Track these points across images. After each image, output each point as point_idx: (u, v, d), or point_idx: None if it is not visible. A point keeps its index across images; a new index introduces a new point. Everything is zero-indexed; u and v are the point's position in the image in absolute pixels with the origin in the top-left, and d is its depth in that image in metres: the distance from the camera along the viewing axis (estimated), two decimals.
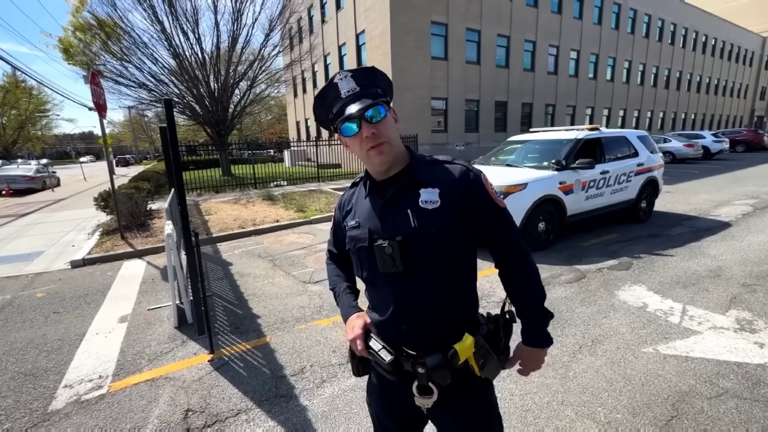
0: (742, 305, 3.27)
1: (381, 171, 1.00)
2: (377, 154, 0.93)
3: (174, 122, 2.65)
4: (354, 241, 1.03)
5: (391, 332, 1.00)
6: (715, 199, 8.25)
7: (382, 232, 0.96)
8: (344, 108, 0.93)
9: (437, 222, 0.94)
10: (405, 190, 0.97)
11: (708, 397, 2.15)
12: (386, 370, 0.98)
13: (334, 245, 1.23)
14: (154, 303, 3.84)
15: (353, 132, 0.93)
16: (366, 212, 1.02)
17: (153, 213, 8.18)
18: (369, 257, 0.99)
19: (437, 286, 0.96)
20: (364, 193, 1.05)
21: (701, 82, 33.37)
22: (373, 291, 1.05)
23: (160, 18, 13.43)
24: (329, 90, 0.95)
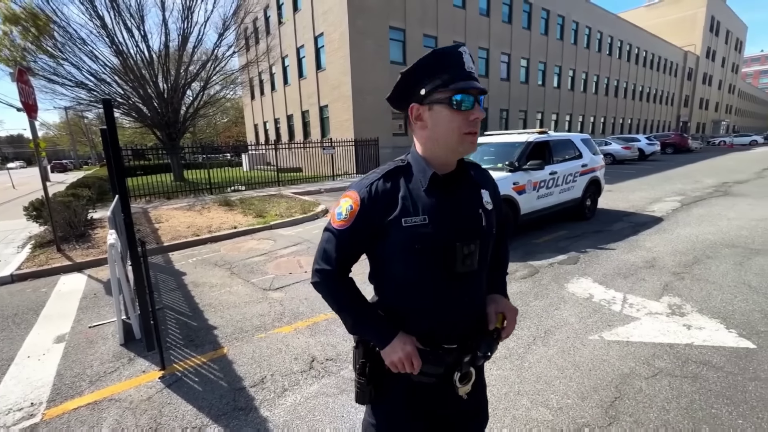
0: (673, 292, 3.61)
1: (448, 164, 0.96)
2: (472, 141, 0.90)
3: (114, 124, 2.48)
4: (422, 240, 0.90)
5: (436, 333, 0.97)
6: (649, 196, 9.05)
7: (462, 232, 0.94)
8: (468, 80, 0.86)
9: (494, 222, 1.03)
10: (472, 189, 1.01)
11: (646, 377, 2.35)
12: (436, 375, 0.98)
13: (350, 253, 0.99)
14: (96, 320, 3.54)
15: (467, 107, 0.86)
16: (435, 209, 0.92)
17: (95, 222, 7.56)
18: (438, 257, 0.91)
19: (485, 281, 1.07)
20: (419, 185, 0.94)
21: (635, 90, 36.58)
22: (429, 293, 0.95)
23: (100, 13, 12.50)
24: (452, 56, 0.87)
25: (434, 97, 0.87)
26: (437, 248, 0.92)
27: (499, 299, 1.07)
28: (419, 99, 0.90)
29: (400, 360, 0.93)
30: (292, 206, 8.99)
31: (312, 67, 19.34)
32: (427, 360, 0.95)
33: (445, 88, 0.86)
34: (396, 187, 0.95)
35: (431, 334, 0.97)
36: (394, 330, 0.97)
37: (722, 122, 55.81)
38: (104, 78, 13.50)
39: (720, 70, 51.18)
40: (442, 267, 0.93)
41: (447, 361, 0.97)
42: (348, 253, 1.00)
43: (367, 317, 1.00)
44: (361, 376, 1.00)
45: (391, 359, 0.94)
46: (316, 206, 8.85)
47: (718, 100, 53.62)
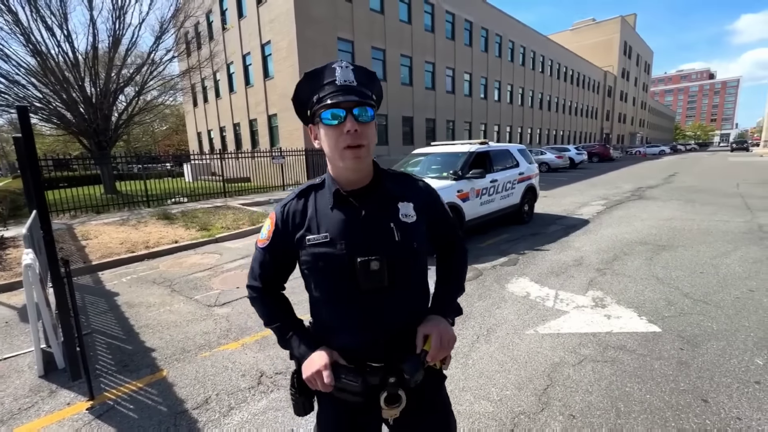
0: (597, 286, 4.02)
1: (352, 179, 0.94)
2: (353, 155, 0.87)
3: (31, 131, 2.27)
4: (323, 258, 0.92)
5: (362, 351, 0.95)
6: (578, 201, 9.99)
7: (364, 248, 0.91)
8: (335, 95, 0.85)
9: (416, 236, 0.97)
10: (384, 203, 0.96)
11: (573, 365, 2.60)
12: (354, 392, 0.91)
13: (270, 267, 1.03)
14: (8, 351, 3.15)
15: (335, 122, 0.86)
16: (338, 226, 0.93)
17: (6, 242, 6.70)
18: (344, 274, 0.91)
19: (414, 299, 1.01)
20: (328, 203, 0.95)
21: (564, 104, 40.27)
22: (342, 311, 0.96)
23: (12, 8, 11.22)
24: (324, 73, 0.89)
25: (316, 116, 0.89)
26: (339, 265, 0.92)
27: (431, 319, 0.98)
28: (311, 119, 0.93)
29: (312, 375, 0.92)
30: (239, 218, 8.65)
31: (259, 75, 18.89)
32: (342, 377, 0.91)
33: (319, 106, 0.88)
34: (306, 206, 0.99)
35: (353, 351, 0.96)
36: (314, 345, 0.98)
37: (638, 134, 63.27)
38: (17, 80, 12.08)
39: (633, 88, 58.07)
40: (348, 284, 0.92)
41: (367, 379, 0.91)
42: (271, 270, 1.04)
43: (292, 331, 1.02)
44: (292, 387, 1.02)
45: (305, 374, 0.94)
46: (265, 217, 8.59)
47: (633, 114, 60.70)
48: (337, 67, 0.88)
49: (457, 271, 1.12)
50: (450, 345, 0.96)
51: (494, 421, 2.09)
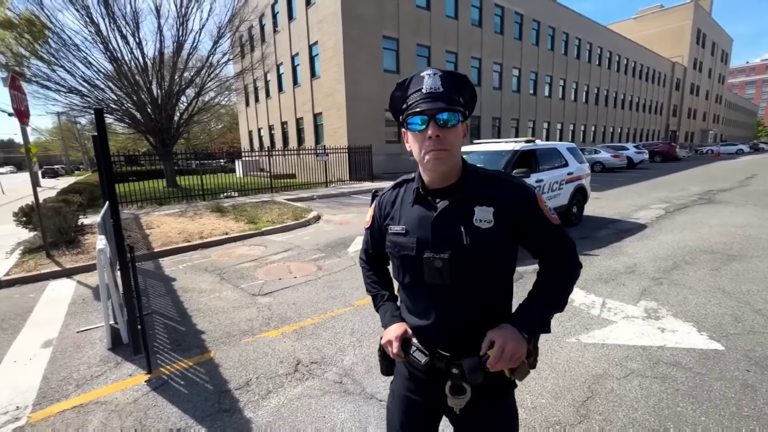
0: (651, 296, 3.72)
1: (434, 179, 0.99)
2: (434, 159, 0.92)
3: (105, 131, 2.55)
4: (398, 247, 1.03)
5: (427, 336, 1.02)
6: (635, 203, 9.26)
7: (432, 245, 0.96)
8: (420, 102, 0.91)
9: (489, 242, 0.94)
10: (459, 205, 0.96)
11: (617, 378, 2.44)
12: (420, 370, 1.02)
13: (371, 245, 1.22)
14: (84, 325, 3.57)
15: (419, 128, 0.93)
16: (414, 221, 1.01)
17: (85, 228, 7.56)
18: (414, 266, 0.99)
19: (480, 300, 0.99)
20: (410, 198, 1.04)
21: (624, 99, 37.36)
22: (413, 296, 1.06)
23: (95, 20, 12.57)
24: (413, 81, 0.95)
25: (405, 122, 0.97)
26: (410, 257, 1.00)
27: (503, 327, 0.96)
28: (403, 125, 1.00)
29: (385, 342, 1.07)
30: (284, 212, 9.04)
31: (306, 74, 19.54)
32: (411, 352, 1.03)
33: (407, 113, 0.95)
34: (395, 197, 1.11)
35: (421, 334, 1.04)
36: (394, 319, 1.11)
37: (710, 131, 57.07)
38: (98, 84, 13.54)
39: (707, 80, 52.45)
40: (415, 275, 1.01)
41: (433, 362, 1.00)
42: (372, 247, 1.23)
43: (383, 302, 1.19)
44: (379, 350, 1.14)
45: (382, 341, 1.09)
46: (308, 213, 8.91)
47: (706, 109, 54.85)
48: (426, 75, 0.94)
49: (548, 284, 1.02)
50: (512, 358, 0.92)
51: (526, 429, 2.02)
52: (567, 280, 1.03)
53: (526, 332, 0.96)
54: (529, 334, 0.96)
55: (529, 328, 0.97)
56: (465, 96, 0.97)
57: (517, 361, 0.93)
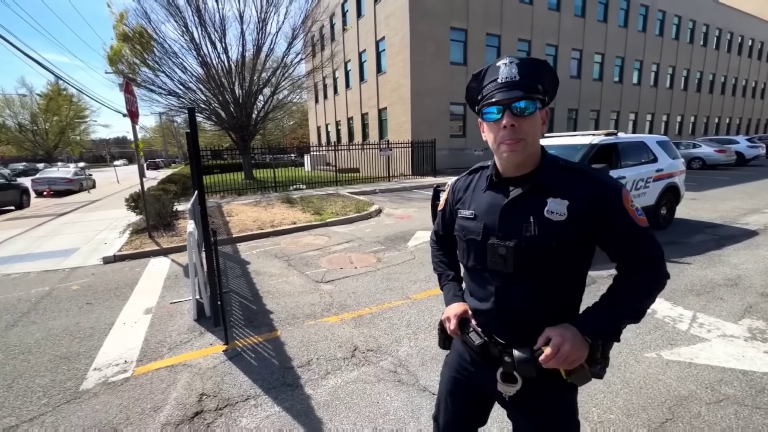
0: (758, 314, 3.18)
1: (509, 168, 0.98)
2: (509, 149, 0.91)
3: (196, 129, 2.88)
4: (465, 231, 1.05)
5: (485, 320, 1.05)
6: (744, 206, 7.92)
7: (498, 232, 0.96)
8: (495, 92, 0.91)
9: (559, 235, 0.91)
10: (532, 195, 0.95)
11: (707, 403, 2.14)
12: (474, 350, 1.06)
13: (441, 227, 1.27)
14: (176, 297, 4.10)
15: (494, 118, 0.92)
16: (485, 206, 1.02)
17: (179, 214, 8.61)
18: (479, 251, 1.01)
19: (542, 294, 0.96)
20: (483, 185, 1.05)
21: (736, 84, 31.88)
22: (475, 280, 1.07)
23: (190, 29, 14.16)
24: (489, 71, 0.95)
25: (481, 113, 0.97)
26: (475, 241, 1.03)
27: (564, 326, 0.92)
28: (479, 115, 1.00)
29: (445, 317, 1.13)
30: (347, 205, 9.38)
31: (373, 70, 19.88)
32: (467, 331, 1.08)
33: (482, 104, 0.95)
34: (469, 183, 1.14)
35: (479, 318, 1.08)
36: (455, 298, 1.17)
37: None
38: (191, 86, 15.26)
39: None
40: (479, 259, 1.03)
41: (488, 345, 1.02)
42: (443, 229, 1.27)
43: (448, 281, 1.24)
44: (439, 324, 1.20)
45: (442, 316, 1.16)
46: (369, 206, 9.14)
47: None
48: (501, 64, 0.93)
49: (624, 290, 0.94)
50: (567, 360, 0.88)
51: None
52: (648, 289, 0.93)
53: (589, 336, 0.90)
54: (592, 339, 0.91)
55: (593, 332, 0.91)
56: (545, 82, 0.94)
57: (573, 364, 0.89)
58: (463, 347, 1.14)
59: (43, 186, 15.79)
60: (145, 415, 2.25)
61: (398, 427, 2.05)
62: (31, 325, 3.53)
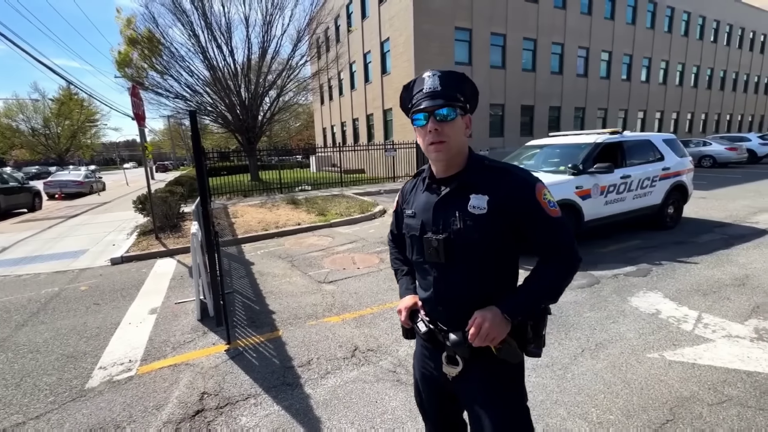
0: (765, 315, 3.13)
1: (439, 168, 1.10)
2: (435, 150, 1.03)
3: (198, 132, 2.92)
4: (408, 228, 1.18)
5: (429, 309, 1.17)
6: (755, 205, 7.77)
7: (432, 227, 1.08)
8: (421, 101, 1.03)
9: (481, 227, 1.01)
10: (457, 192, 1.06)
11: (709, 404, 2.11)
12: (423, 338, 1.17)
13: (395, 227, 1.39)
14: (181, 297, 4.15)
15: (421, 124, 1.04)
16: (422, 205, 1.14)
17: (185, 215, 8.71)
18: (419, 245, 1.13)
19: (474, 280, 1.06)
20: (422, 187, 1.18)
21: (748, 81, 31.23)
22: (420, 272, 1.20)
23: (196, 32, 14.34)
24: (417, 83, 1.07)
25: (411, 119, 1.09)
26: (415, 237, 1.15)
27: (488, 308, 1.02)
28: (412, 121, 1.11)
29: (398, 310, 1.24)
30: (351, 206, 9.41)
31: (377, 71, 19.90)
32: (416, 321, 1.18)
33: (411, 111, 1.07)
34: (413, 185, 1.25)
35: (426, 307, 1.18)
36: (407, 291, 1.28)
37: None
38: (197, 90, 15.45)
39: None
40: (419, 253, 1.14)
41: (434, 332, 1.13)
42: (396, 228, 1.38)
43: (401, 275, 1.35)
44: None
45: (397, 308, 1.25)
46: (374, 206, 9.15)
47: None
48: (426, 76, 1.05)
49: (542, 274, 1.05)
50: (489, 337, 0.99)
51: None
52: (561, 272, 1.05)
53: (509, 314, 1.01)
54: (511, 317, 1.01)
55: (512, 310, 1.01)
56: (465, 92, 1.05)
57: (495, 340, 1.00)
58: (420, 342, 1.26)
59: (54, 189, 16.10)
60: (147, 413, 2.28)
61: (396, 426, 2.06)
62: (40, 324, 3.61)
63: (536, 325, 1.06)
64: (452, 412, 1.30)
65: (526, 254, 1.12)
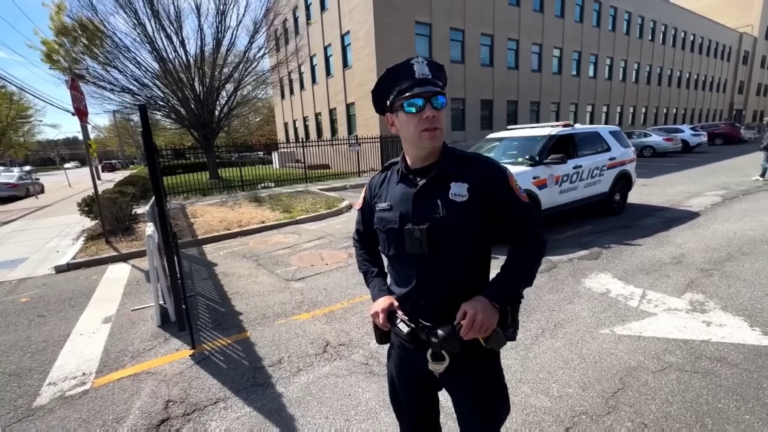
0: (698, 288, 3.48)
1: (420, 157, 1.08)
2: (429, 137, 1.01)
3: (149, 127, 2.75)
4: (384, 222, 1.13)
5: (410, 305, 1.13)
6: (688, 190, 8.56)
7: (413, 218, 1.06)
8: (414, 86, 0.99)
9: (463, 214, 1.02)
10: (437, 181, 1.05)
11: (653, 371, 2.33)
12: (405, 339, 1.12)
13: (362, 225, 1.33)
14: (138, 304, 3.92)
15: (413, 110, 1.00)
16: (398, 197, 1.11)
17: (138, 217, 8.19)
18: (397, 238, 1.09)
19: (456, 269, 1.06)
20: (396, 179, 1.15)
21: (681, 77, 34.17)
22: (397, 267, 1.16)
23: (142, 21, 13.37)
24: (403, 69, 1.02)
25: (396, 105, 1.04)
26: (393, 229, 1.11)
27: (476, 299, 1.03)
28: (389, 108, 1.08)
29: (373, 313, 1.17)
30: (317, 202, 9.29)
31: (339, 65, 19.65)
32: (396, 322, 1.13)
33: (400, 97, 1.02)
34: (384, 178, 1.22)
35: (405, 304, 1.14)
36: (381, 293, 1.21)
37: None
38: (146, 83, 14.45)
39: None
40: (398, 246, 1.10)
41: (416, 331, 1.09)
42: (363, 227, 1.33)
43: (373, 277, 1.28)
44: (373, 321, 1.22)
45: (370, 312, 1.18)
46: (340, 202, 9.09)
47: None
48: (415, 62, 1.02)
49: (517, 258, 1.09)
50: (482, 328, 0.99)
51: (550, 417, 2.00)
52: (533, 256, 1.09)
53: (497, 303, 1.02)
54: (500, 305, 1.03)
55: (499, 298, 1.03)
56: (444, 82, 1.07)
57: (488, 331, 1.00)
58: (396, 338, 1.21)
59: None
60: (107, 427, 2.16)
61: (369, 417, 2.09)
62: None
63: (513, 309, 1.08)
64: (430, 408, 1.31)
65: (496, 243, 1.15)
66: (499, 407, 1.16)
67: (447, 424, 1.80)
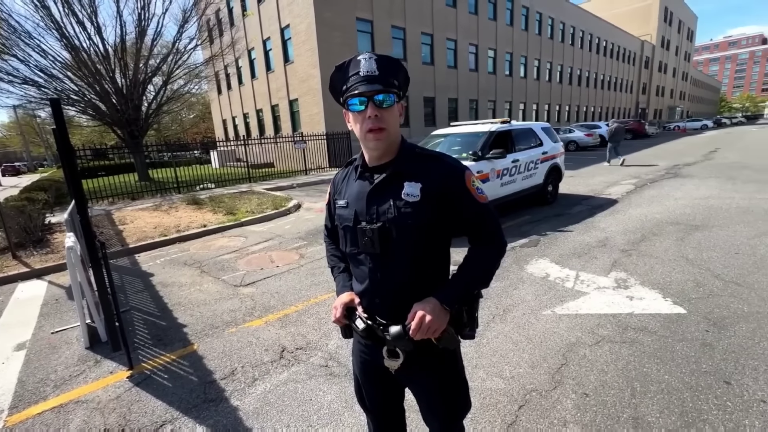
0: (621, 267, 3.91)
1: (374, 156, 1.06)
2: (374, 137, 0.99)
3: (64, 124, 2.42)
4: (341, 219, 1.13)
5: (366, 302, 1.12)
6: (607, 180, 9.58)
7: (366, 216, 1.05)
8: (358, 85, 0.97)
9: (415, 214, 1.00)
10: (391, 181, 1.04)
11: (589, 345, 2.58)
12: (361, 335, 1.13)
13: (329, 220, 1.32)
14: (59, 325, 3.46)
15: (359, 109, 0.98)
16: (355, 194, 1.10)
17: (53, 227, 7.22)
18: (353, 235, 1.09)
19: (408, 269, 1.05)
20: (354, 176, 1.13)
21: (596, 78, 38.06)
22: (354, 264, 1.15)
23: (46, 3, 11.70)
24: (351, 65, 1.00)
25: (346, 103, 1.02)
26: (349, 227, 1.11)
27: (426, 300, 1.01)
28: (344, 105, 1.05)
29: (333, 308, 1.17)
30: (263, 202, 8.90)
31: (279, 60, 18.95)
32: (353, 318, 1.14)
33: (347, 95, 1.01)
34: (345, 175, 1.20)
35: (362, 300, 1.14)
36: (344, 289, 1.21)
37: (677, 108, 59.07)
38: (55, 74, 12.71)
39: (674, 58, 53.93)
40: (354, 244, 1.11)
41: (372, 328, 1.09)
42: (330, 223, 1.32)
43: (337, 272, 1.28)
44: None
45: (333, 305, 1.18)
46: (288, 201, 8.80)
47: (673, 87, 56.62)
48: (362, 59, 0.99)
49: (474, 260, 1.08)
50: (431, 330, 0.97)
51: (505, 397, 2.13)
52: (492, 258, 1.08)
53: (448, 305, 1.01)
54: (450, 307, 1.01)
55: (450, 300, 1.02)
56: (399, 78, 1.03)
57: (437, 332, 0.99)
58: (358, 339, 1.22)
59: None
60: None
61: (333, 420, 2.06)
62: None
63: (470, 309, 1.06)
64: (393, 402, 1.32)
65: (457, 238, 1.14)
66: (458, 406, 1.19)
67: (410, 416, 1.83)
